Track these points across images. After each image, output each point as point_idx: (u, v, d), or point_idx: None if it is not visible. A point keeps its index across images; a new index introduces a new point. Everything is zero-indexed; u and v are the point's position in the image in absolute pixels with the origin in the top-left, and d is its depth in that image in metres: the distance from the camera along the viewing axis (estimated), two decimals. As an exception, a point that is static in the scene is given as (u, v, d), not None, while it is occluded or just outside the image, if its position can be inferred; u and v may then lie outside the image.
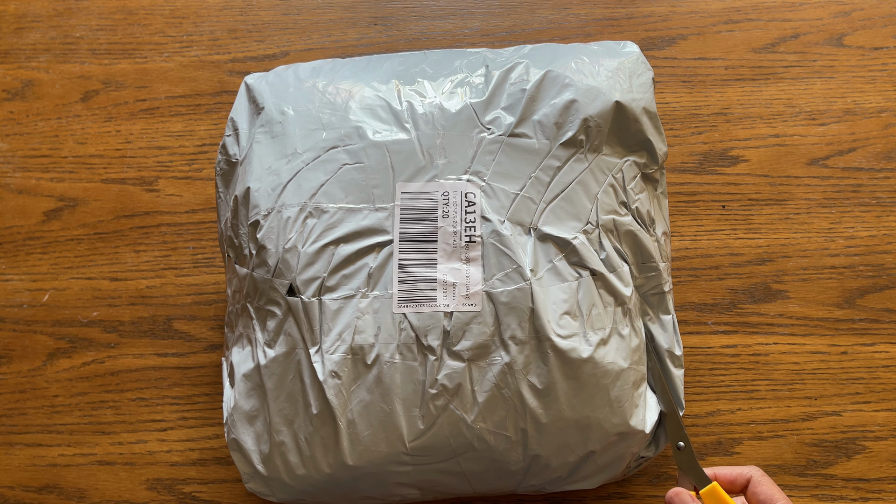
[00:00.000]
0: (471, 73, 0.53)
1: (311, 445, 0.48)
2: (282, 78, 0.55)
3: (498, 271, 0.48)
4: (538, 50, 0.54)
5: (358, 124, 0.50)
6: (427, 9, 0.70)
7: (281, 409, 0.48)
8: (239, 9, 0.71)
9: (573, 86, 0.51)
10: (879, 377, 0.59)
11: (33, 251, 0.65)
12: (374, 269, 0.48)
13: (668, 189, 0.64)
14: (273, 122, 0.52)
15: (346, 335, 0.47)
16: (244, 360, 0.51)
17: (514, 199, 0.49)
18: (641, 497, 0.58)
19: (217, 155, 0.56)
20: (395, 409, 0.47)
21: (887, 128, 0.65)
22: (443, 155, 0.50)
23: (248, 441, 0.50)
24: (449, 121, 0.50)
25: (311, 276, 0.48)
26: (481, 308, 0.47)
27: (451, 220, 0.49)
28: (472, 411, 0.47)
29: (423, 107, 0.51)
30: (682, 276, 0.62)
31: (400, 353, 0.47)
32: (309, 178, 0.50)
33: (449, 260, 0.48)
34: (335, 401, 0.47)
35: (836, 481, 0.57)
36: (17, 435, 0.61)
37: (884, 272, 0.62)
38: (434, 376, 0.47)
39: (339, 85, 0.53)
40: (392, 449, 0.47)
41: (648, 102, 0.53)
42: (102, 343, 0.63)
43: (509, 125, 0.50)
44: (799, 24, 0.68)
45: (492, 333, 0.47)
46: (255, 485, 0.50)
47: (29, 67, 0.70)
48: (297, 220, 0.49)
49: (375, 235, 0.48)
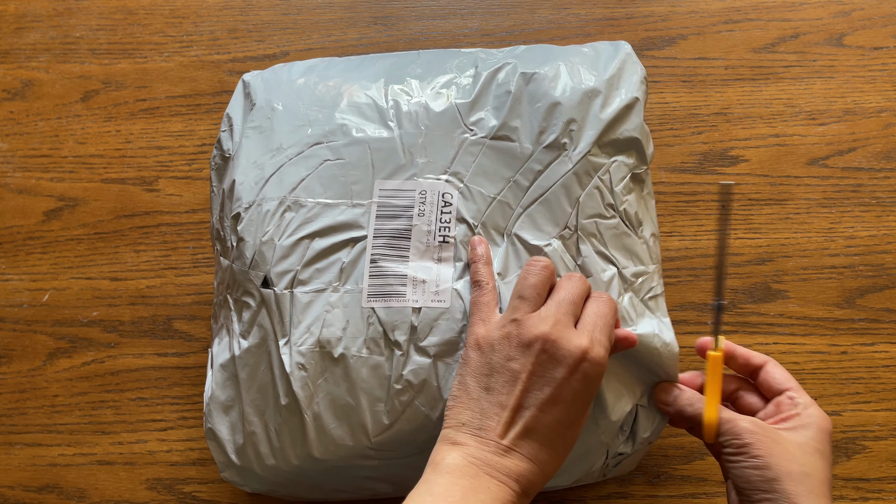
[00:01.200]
0: (460, 73, 0.53)
1: (280, 437, 0.48)
2: (277, 75, 0.55)
3: (468, 273, 0.48)
4: (530, 51, 0.54)
5: (343, 122, 0.51)
6: (427, 9, 0.70)
7: (253, 399, 0.49)
8: (239, 9, 0.71)
9: (559, 88, 0.50)
10: (879, 377, 0.59)
11: (33, 251, 0.65)
12: (347, 264, 0.48)
13: (668, 189, 0.64)
14: (263, 117, 0.53)
15: (314, 328, 0.47)
16: (222, 351, 0.51)
17: (491, 202, 0.49)
18: (641, 497, 0.58)
19: (213, 151, 0.56)
20: (360, 403, 0.47)
21: (887, 128, 0.65)
22: (424, 154, 0.50)
23: (223, 431, 0.50)
24: (433, 120, 0.50)
25: (285, 268, 0.48)
26: (450, 304, 0.47)
27: (426, 219, 0.49)
28: (438, 408, 0.47)
29: (408, 105, 0.51)
30: (682, 276, 0.62)
31: (367, 348, 0.47)
32: (290, 173, 0.50)
33: (421, 258, 0.48)
34: (301, 393, 0.47)
35: (836, 481, 0.57)
36: (17, 435, 0.61)
37: (884, 272, 0.62)
38: (400, 371, 0.47)
39: (330, 83, 0.53)
40: (357, 443, 0.47)
41: (637, 102, 0.52)
42: (102, 343, 0.63)
43: (492, 127, 0.50)
44: (799, 24, 0.68)
45: (459, 330, 0.47)
46: (229, 474, 0.51)
47: (29, 67, 0.70)
48: (275, 213, 0.49)
49: (350, 231, 0.49)
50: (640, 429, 0.50)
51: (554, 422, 0.42)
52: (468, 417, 0.43)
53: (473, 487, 0.40)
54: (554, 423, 0.42)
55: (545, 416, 0.42)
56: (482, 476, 0.41)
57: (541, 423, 0.42)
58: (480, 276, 0.47)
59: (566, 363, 0.42)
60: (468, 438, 0.42)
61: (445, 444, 0.43)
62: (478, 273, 0.47)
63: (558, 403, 0.42)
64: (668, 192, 0.64)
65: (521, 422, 0.42)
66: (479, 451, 0.41)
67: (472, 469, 0.41)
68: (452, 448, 0.42)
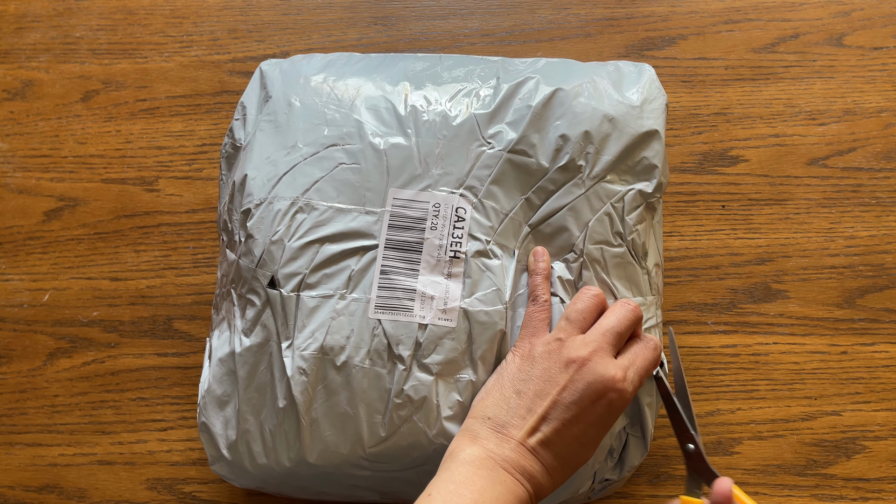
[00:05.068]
0: (483, 83, 0.52)
1: (274, 438, 0.48)
2: (295, 67, 0.55)
3: (478, 291, 0.48)
4: (552, 65, 0.53)
5: (360, 124, 0.50)
6: (427, 9, 0.70)
7: (250, 398, 0.49)
8: (239, 9, 0.71)
9: (580, 108, 0.50)
10: (879, 377, 0.59)
11: (33, 251, 0.65)
12: (356, 272, 0.48)
13: (668, 189, 0.64)
14: (279, 111, 0.52)
15: (318, 334, 0.47)
16: (222, 345, 0.51)
17: (504, 219, 0.49)
18: (641, 497, 0.58)
19: (224, 139, 0.56)
20: (358, 413, 0.47)
21: (887, 128, 0.65)
22: (440, 165, 0.49)
23: (216, 425, 0.50)
24: (451, 131, 0.50)
25: (293, 270, 0.48)
26: (456, 325, 0.47)
27: (438, 233, 0.49)
28: (435, 426, 0.47)
29: (427, 113, 0.50)
30: (682, 277, 0.62)
31: (370, 359, 0.47)
32: (304, 173, 0.50)
33: (431, 273, 0.48)
34: (300, 398, 0.47)
35: (836, 481, 0.57)
36: (17, 435, 0.61)
37: (884, 272, 0.62)
38: (401, 386, 0.47)
39: (349, 81, 0.53)
40: (351, 452, 0.47)
41: (659, 128, 0.51)
42: (102, 343, 0.63)
43: (510, 141, 0.50)
44: (799, 24, 0.68)
45: (463, 351, 0.47)
46: (219, 468, 0.51)
47: (29, 67, 0.70)
48: (287, 213, 0.49)
49: (361, 239, 0.48)
50: (629, 457, 0.51)
51: (573, 438, 0.44)
52: (494, 412, 0.45)
53: (492, 479, 0.42)
54: (572, 439, 0.44)
55: (566, 431, 0.44)
56: (499, 470, 0.43)
57: (561, 437, 0.44)
58: (538, 291, 0.48)
59: (595, 388, 0.44)
60: (489, 434, 0.44)
61: (465, 437, 0.45)
62: (536, 288, 0.48)
63: (580, 423, 0.44)
64: (668, 192, 0.64)
65: (545, 430, 0.44)
66: (498, 447, 0.44)
67: (491, 462, 0.43)
68: (473, 441, 0.44)
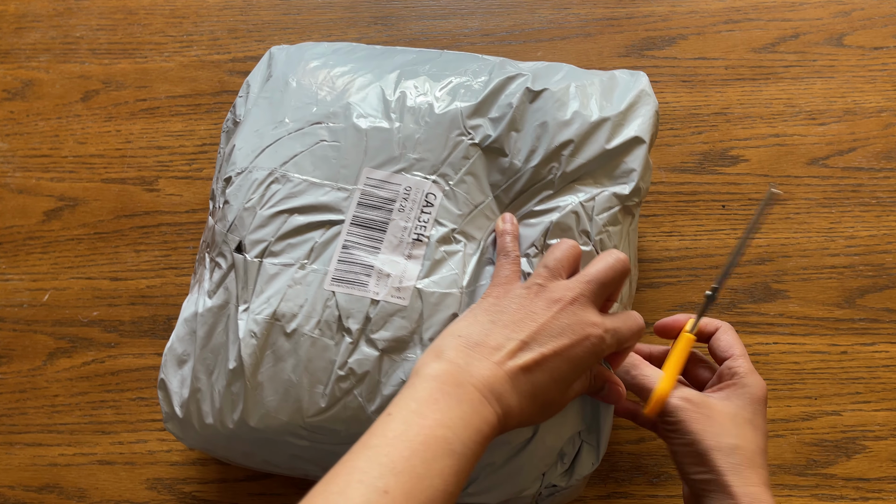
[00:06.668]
0: (474, 78, 0.53)
1: (222, 399, 0.48)
2: (301, 52, 0.56)
3: (435, 274, 0.48)
4: (550, 69, 0.54)
5: (348, 106, 0.51)
6: (427, 9, 0.70)
7: (205, 357, 0.49)
8: (239, 9, 0.71)
9: (561, 110, 0.50)
10: (879, 377, 0.59)
11: (33, 251, 0.65)
12: (319, 244, 0.49)
13: (668, 189, 0.64)
14: (276, 90, 0.54)
15: (273, 300, 0.48)
16: (189, 306, 0.52)
17: (473, 210, 0.50)
18: (641, 497, 0.58)
19: (227, 115, 0.57)
20: (301, 381, 0.47)
21: (887, 128, 0.65)
22: (417, 150, 0.50)
23: (173, 383, 0.51)
24: (434, 118, 0.51)
25: (260, 237, 0.49)
26: (409, 303, 0.48)
27: (405, 216, 0.49)
28: (374, 402, 0.47)
29: (414, 101, 0.51)
30: (682, 276, 0.62)
31: (319, 329, 0.47)
32: (286, 147, 0.51)
33: (392, 253, 0.49)
34: (248, 360, 0.47)
35: (836, 481, 0.57)
36: (17, 434, 0.61)
37: (884, 272, 0.62)
38: (345, 358, 0.47)
39: (346, 67, 0.54)
40: (291, 420, 0.48)
41: (644, 134, 0.51)
42: (102, 343, 0.63)
43: (488, 137, 0.50)
44: (799, 24, 0.68)
45: (412, 330, 0.47)
46: (171, 426, 0.51)
47: (29, 67, 0.70)
48: (263, 182, 0.50)
49: (329, 213, 0.49)
50: (579, 465, 0.50)
51: (555, 370, 0.41)
52: (467, 332, 0.42)
53: (458, 397, 0.39)
54: (555, 371, 0.41)
55: (547, 362, 0.41)
56: (468, 387, 0.39)
57: (541, 367, 0.41)
58: (508, 247, 0.47)
59: (579, 329, 0.42)
60: (460, 349, 0.41)
61: (431, 353, 0.42)
62: (506, 245, 0.47)
63: (560, 357, 0.41)
64: (668, 192, 0.64)
65: (526, 356, 0.41)
66: (468, 364, 0.40)
67: (458, 378, 0.39)
68: (438, 357, 0.41)
